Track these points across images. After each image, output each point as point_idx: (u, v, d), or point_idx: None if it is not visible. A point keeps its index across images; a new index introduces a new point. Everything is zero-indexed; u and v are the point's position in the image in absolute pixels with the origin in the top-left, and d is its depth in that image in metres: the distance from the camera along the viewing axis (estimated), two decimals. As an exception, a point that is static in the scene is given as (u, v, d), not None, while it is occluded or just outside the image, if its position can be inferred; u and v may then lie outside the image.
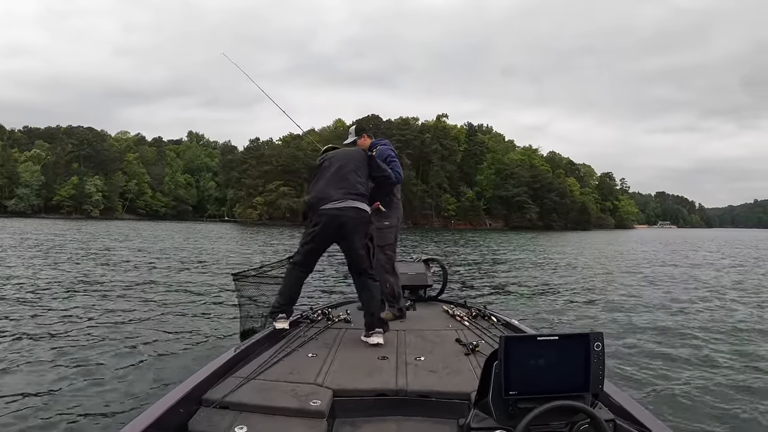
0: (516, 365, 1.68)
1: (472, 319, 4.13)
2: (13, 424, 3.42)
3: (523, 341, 1.75)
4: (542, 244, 33.13)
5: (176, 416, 2.10)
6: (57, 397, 3.94)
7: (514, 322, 4.02)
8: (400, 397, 2.47)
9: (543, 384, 1.70)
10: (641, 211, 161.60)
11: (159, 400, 2.15)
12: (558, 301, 9.51)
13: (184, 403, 2.17)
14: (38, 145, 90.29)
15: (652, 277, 13.94)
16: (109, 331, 6.07)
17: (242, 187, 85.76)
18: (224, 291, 9.35)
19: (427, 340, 3.47)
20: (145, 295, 8.93)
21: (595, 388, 1.75)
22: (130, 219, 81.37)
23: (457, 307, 4.62)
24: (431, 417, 2.38)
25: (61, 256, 15.23)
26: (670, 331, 6.91)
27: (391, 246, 4.31)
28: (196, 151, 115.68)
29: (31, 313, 7.01)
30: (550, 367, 1.71)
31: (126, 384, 4.26)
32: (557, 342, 1.73)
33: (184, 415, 2.15)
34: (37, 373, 4.48)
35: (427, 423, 2.34)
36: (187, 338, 5.89)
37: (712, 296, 10.39)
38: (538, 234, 58.04)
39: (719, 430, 3.77)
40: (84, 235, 28.71)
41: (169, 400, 2.13)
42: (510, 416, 1.70)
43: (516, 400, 1.69)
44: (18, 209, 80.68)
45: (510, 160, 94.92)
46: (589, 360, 1.73)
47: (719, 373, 5.10)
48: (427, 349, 3.23)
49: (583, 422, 1.66)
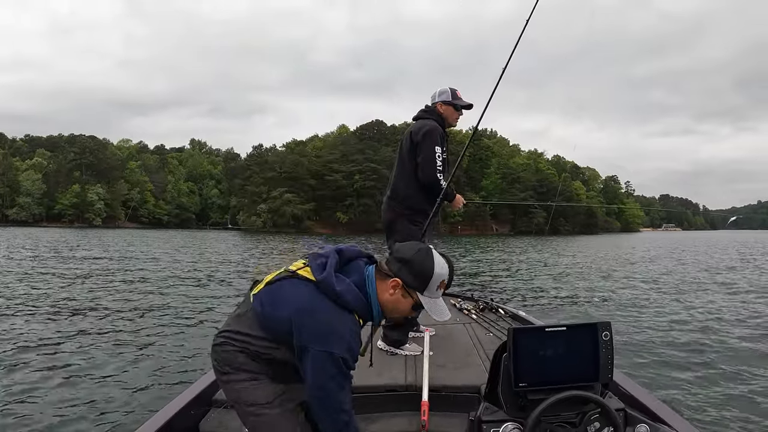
0: (525, 357, 1.67)
1: (480, 312, 4.14)
2: (26, 427, 3.51)
3: (532, 332, 1.74)
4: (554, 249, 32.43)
5: (187, 417, 2.13)
6: (70, 401, 4.02)
7: (522, 313, 3.98)
8: (411, 392, 2.45)
9: (552, 375, 1.69)
10: (645, 214, 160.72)
11: (170, 401, 2.20)
12: (565, 294, 9.60)
13: (195, 405, 2.20)
14: (40, 154, 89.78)
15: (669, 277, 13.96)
16: (120, 336, 6.25)
17: (245, 195, 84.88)
18: (234, 296, 9.66)
19: (435, 335, 3.44)
20: (156, 300, 9.16)
21: (605, 377, 1.73)
22: (132, 227, 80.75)
23: (464, 300, 4.59)
24: (442, 411, 2.37)
25: (70, 264, 15.24)
26: (681, 324, 6.95)
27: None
28: (198, 158, 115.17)
29: (42, 318, 7.24)
30: (558, 357, 1.69)
31: (137, 387, 4.35)
32: (565, 332, 1.71)
33: (196, 416, 2.17)
34: (50, 376, 4.60)
35: (438, 417, 2.33)
36: (197, 342, 6.02)
37: (722, 293, 10.44)
38: (546, 239, 57.38)
39: (730, 419, 3.75)
40: (91, 242, 28.15)
41: (181, 402, 2.17)
42: (520, 408, 1.69)
43: (526, 392, 1.68)
44: (19, 218, 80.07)
45: (515, 165, 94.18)
46: (597, 349, 1.72)
47: (729, 363, 5.11)
48: (436, 344, 3.20)
49: (594, 412, 1.65)
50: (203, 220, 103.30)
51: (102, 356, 5.28)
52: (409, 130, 3.34)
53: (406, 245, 1.71)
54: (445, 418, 2.34)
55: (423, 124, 3.28)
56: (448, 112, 3.36)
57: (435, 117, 3.33)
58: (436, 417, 2.32)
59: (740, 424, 3.74)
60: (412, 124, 3.38)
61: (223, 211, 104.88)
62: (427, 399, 2.32)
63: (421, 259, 1.62)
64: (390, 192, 3.36)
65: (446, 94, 3.37)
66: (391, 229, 3.33)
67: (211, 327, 6.93)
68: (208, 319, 7.46)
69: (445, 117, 3.35)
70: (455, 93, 3.39)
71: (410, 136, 3.28)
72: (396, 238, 3.19)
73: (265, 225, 78.20)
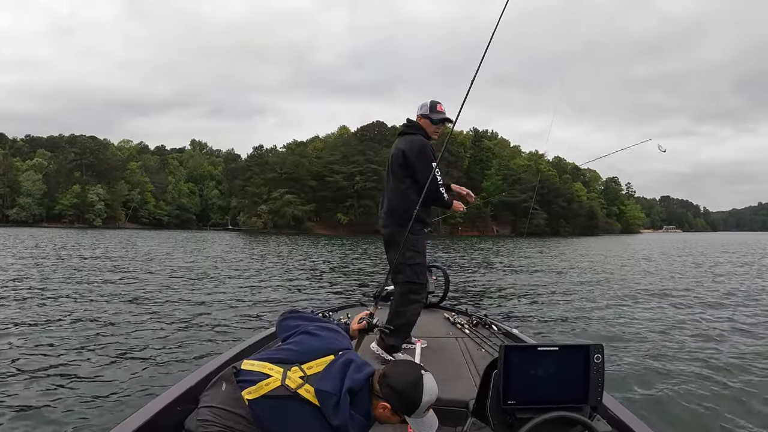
0: (515, 374, 1.67)
1: (473, 327, 4.12)
2: (9, 425, 3.55)
3: (524, 351, 1.74)
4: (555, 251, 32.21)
5: (173, 414, 2.14)
6: (60, 397, 4.05)
7: (515, 331, 3.96)
8: None
9: (542, 394, 1.69)
10: (646, 216, 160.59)
11: (155, 398, 2.21)
12: (561, 311, 9.38)
13: (181, 402, 2.21)
14: (40, 154, 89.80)
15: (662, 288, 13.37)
16: (108, 334, 6.29)
17: (246, 196, 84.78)
18: (234, 296, 9.68)
19: (427, 347, 3.46)
20: (144, 300, 9.15)
21: (594, 400, 1.73)
22: (133, 228, 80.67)
23: (458, 314, 4.59)
24: None
25: (70, 264, 14.99)
26: (675, 346, 6.71)
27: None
28: (199, 159, 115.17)
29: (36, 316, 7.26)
30: (549, 377, 1.69)
31: (127, 384, 4.38)
32: (557, 352, 1.71)
33: (182, 413, 2.16)
34: (37, 373, 4.64)
35: None
36: (189, 341, 6.04)
37: (718, 307, 9.98)
38: (547, 240, 57.22)
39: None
40: (90, 242, 28.04)
41: (166, 399, 2.18)
42: (508, 426, 1.69)
43: (514, 410, 1.68)
44: (20, 218, 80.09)
45: (516, 166, 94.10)
46: (588, 371, 1.72)
47: (720, 388, 5.01)
48: (427, 356, 3.24)
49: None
50: (203, 221, 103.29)
51: (92, 354, 5.32)
52: (400, 147, 3.35)
53: (397, 372, 1.74)
54: None
55: (413, 142, 3.31)
56: (426, 125, 3.39)
57: (420, 131, 3.38)
58: None
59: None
60: (400, 140, 3.41)
61: (224, 212, 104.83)
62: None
63: (410, 392, 1.68)
64: (387, 208, 3.41)
65: (425, 107, 3.40)
66: (391, 243, 3.38)
67: (206, 327, 6.91)
68: (202, 320, 7.43)
69: (426, 130, 3.39)
70: (435, 106, 3.41)
71: (403, 153, 3.30)
72: (397, 250, 3.27)
73: (265, 226, 78.09)
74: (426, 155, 3.26)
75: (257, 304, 9.08)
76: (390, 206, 3.39)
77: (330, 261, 20.84)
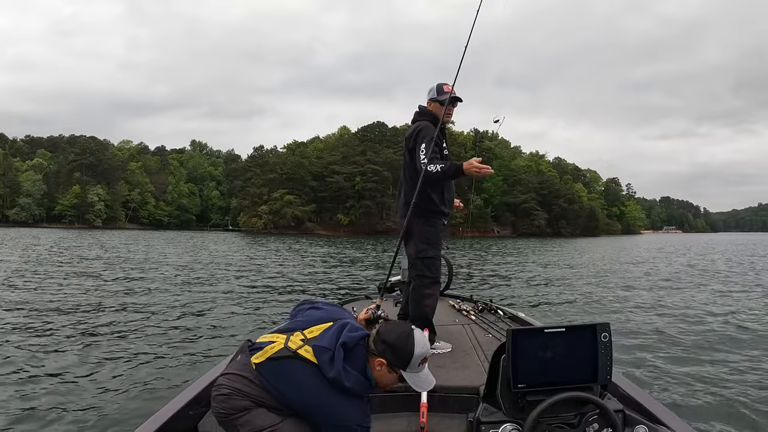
0: (524, 358, 1.67)
1: (479, 313, 4.13)
2: (23, 428, 3.52)
3: (531, 334, 1.74)
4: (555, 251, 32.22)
5: (186, 418, 2.13)
6: (68, 402, 3.98)
7: (521, 315, 3.96)
8: (410, 394, 2.39)
9: (551, 376, 1.69)
10: (646, 216, 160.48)
11: (168, 403, 2.18)
12: (565, 296, 9.55)
13: (193, 405, 2.19)
14: (40, 155, 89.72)
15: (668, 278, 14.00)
16: (119, 337, 6.21)
17: (246, 196, 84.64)
18: (232, 297, 9.67)
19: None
20: (154, 300, 9.12)
21: (604, 378, 1.73)
22: (133, 228, 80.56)
23: (463, 301, 4.59)
24: (441, 412, 2.37)
25: (70, 264, 14.99)
26: (681, 326, 6.92)
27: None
28: (199, 160, 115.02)
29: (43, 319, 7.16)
30: (557, 359, 1.70)
31: (136, 388, 4.33)
32: (564, 333, 1.71)
33: (194, 416, 2.15)
34: (46, 378, 4.57)
35: (437, 418, 2.33)
36: (196, 342, 6.00)
37: (725, 296, 10.34)
38: (549, 241, 57.16)
39: (728, 420, 3.73)
40: (91, 243, 28.10)
41: (179, 403, 2.16)
42: (519, 409, 1.70)
43: (525, 393, 1.68)
44: (20, 219, 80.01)
45: (517, 167, 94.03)
46: (596, 351, 1.72)
47: (728, 364, 5.08)
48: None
49: (593, 413, 1.66)
50: (204, 222, 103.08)
51: (100, 358, 5.25)
52: (406, 135, 3.36)
53: (388, 328, 1.81)
54: (444, 419, 2.34)
55: (415, 127, 3.27)
56: (436, 109, 3.30)
57: (429, 117, 3.29)
58: (435, 418, 2.33)
59: (739, 425, 3.70)
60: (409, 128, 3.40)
61: (224, 212, 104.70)
62: (426, 400, 2.30)
63: (402, 343, 1.74)
64: (403, 198, 3.37)
65: (432, 91, 3.33)
66: (407, 234, 3.33)
67: (211, 328, 6.86)
68: (208, 322, 7.37)
69: (437, 114, 3.29)
70: (442, 88, 3.32)
71: (406, 141, 3.30)
72: (412, 242, 3.26)
73: (266, 226, 77.93)
74: (421, 136, 3.16)
75: (265, 304, 9.00)
76: (405, 195, 3.34)
77: (331, 261, 20.77)
